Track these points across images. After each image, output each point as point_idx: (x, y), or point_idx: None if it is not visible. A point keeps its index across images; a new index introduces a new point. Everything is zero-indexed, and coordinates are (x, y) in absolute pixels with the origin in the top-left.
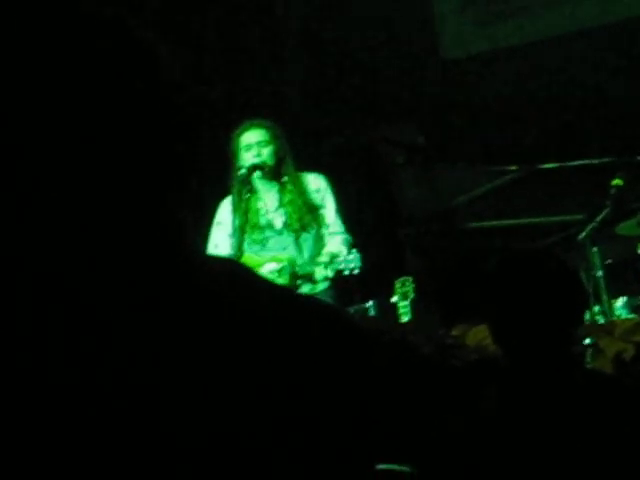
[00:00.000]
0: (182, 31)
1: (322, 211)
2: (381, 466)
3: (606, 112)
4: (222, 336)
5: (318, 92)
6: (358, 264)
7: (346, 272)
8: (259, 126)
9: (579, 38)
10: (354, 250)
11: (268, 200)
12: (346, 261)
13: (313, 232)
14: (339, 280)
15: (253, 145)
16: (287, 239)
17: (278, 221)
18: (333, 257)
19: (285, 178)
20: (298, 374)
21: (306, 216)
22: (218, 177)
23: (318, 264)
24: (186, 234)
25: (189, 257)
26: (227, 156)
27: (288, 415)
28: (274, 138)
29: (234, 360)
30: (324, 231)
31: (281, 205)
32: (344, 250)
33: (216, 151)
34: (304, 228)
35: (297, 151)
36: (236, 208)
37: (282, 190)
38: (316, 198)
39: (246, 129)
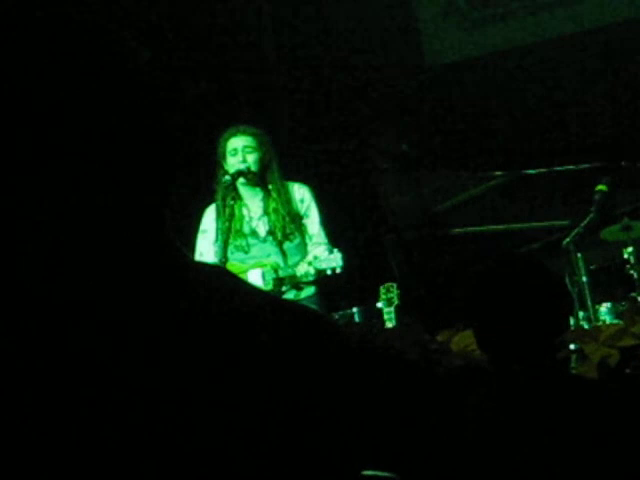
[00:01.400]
0: (169, 39)
1: (305, 221)
2: (366, 472)
3: (590, 117)
4: (211, 342)
5: (304, 99)
6: (340, 263)
7: (328, 272)
8: (245, 132)
9: (563, 43)
10: (336, 250)
11: (253, 207)
12: (327, 259)
13: (296, 242)
14: (324, 285)
15: (238, 151)
16: (270, 247)
17: (262, 229)
18: (315, 258)
19: (270, 186)
20: (283, 380)
21: (289, 226)
22: (202, 184)
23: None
24: (174, 240)
25: (179, 263)
26: (212, 162)
27: (272, 421)
28: (260, 145)
29: (222, 365)
30: (307, 241)
31: (265, 213)
32: (326, 254)
33: (200, 159)
34: (287, 237)
35: (283, 157)
36: (220, 213)
37: (266, 198)
38: (300, 208)
39: (232, 134)
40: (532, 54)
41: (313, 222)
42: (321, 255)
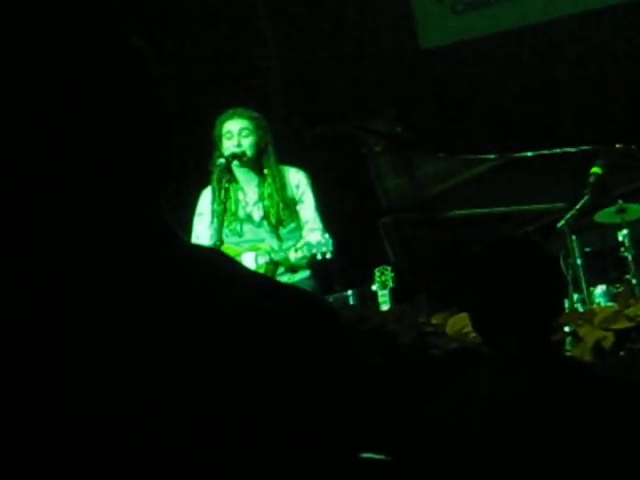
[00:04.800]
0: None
1: (299, 206)
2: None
3: (585, 100)
4: (204, 324)
5: (298, 81)
6: (330, 248)
7: (319, 256)
8: (242, 115)
9: (557, 26)
10: (326, 235)
11: (249, 191)
12: (318, 245)
13: (290, 227)
14: (318, 268)
15: (234, 134)
16: (265, 232)
17: (256, 214)
18: (305, 244)
19: (266, 170)
20: (279, 364)
21: (283, 212)
22: (199, 167)
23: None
24: (168, 222)
25: (173, 245)
26: (209, 146)
27: (271, 405)
28: (256, 128)
29: (214, 348)
30: (302, 226)
31: (260, 199)
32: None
33: (197, 141)
34: (280, 223)
35: (277, 140)
36: (215, 195)
37: (262, 183)
38: (295, 193)
39: (229, 117)
40: (526, 37)
41: (308, 208)
42: (312, 240)
